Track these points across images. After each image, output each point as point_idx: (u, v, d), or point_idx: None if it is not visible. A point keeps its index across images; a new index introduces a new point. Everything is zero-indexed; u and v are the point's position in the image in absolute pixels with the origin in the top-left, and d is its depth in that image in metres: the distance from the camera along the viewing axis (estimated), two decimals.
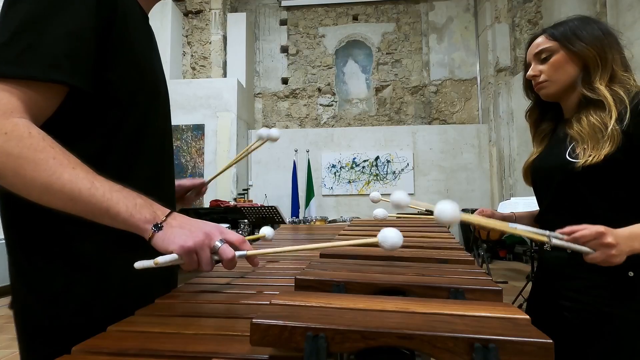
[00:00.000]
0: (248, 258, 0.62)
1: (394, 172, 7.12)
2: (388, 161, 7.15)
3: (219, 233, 0.59)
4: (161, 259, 0.55)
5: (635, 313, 0.84)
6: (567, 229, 0.75)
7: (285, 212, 6.47)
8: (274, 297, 0.45)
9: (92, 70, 0.58)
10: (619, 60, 0.93)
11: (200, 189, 1.00)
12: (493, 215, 1.19)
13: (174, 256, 0.56)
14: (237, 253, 0.60)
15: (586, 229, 0.74)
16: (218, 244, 0.57)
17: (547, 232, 0.74)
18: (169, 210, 0.58)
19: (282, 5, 7.82)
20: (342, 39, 7.74)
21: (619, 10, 4.68)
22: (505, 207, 3.93)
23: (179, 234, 0.55)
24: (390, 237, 0.57)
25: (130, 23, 0.64)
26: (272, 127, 1.00)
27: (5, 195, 0.59)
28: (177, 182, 0.92)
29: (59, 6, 0.55)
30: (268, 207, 4.44)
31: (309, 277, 0.58)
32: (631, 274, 0.84)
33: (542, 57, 0.97)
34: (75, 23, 0.56)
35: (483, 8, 7.10)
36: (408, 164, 7.10)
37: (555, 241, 0.74)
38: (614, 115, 0.85)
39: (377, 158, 7.17)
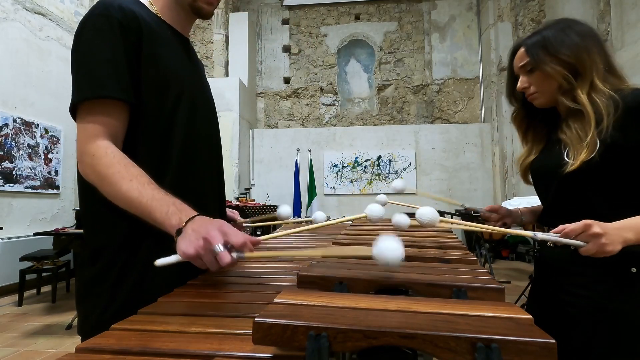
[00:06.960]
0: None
1: (396, 171, 7.12)
2: (390, 160, 7.14)
3: (222, 235, 0.59)
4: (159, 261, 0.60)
5: (638, 308, 0.84)
6: (558, 228, 0.79)
7: None
8: (277, 296, 0.45)
9: (130, 85, 0.74)
10: (600, 65, 0.91)
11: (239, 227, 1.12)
12: (500, 210, 1.20)
13: (175, 257, 0.60)
14: (236, 255, 0.60)
15: (573, 224, 0.77)
16: (217, 249, 0.58)
17: (532, 233, 0.78)
18: (192, 215, 0.63)
19: (284, 4, 7.82)
20: (344, 38, 7.74)
21: (623, 8, 4.65)
22: (508, 206, 3.91)
23: (185, 240, 0.60)
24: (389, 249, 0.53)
25: (157, 44, 0.79)
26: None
27: None
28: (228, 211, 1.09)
29: (95, 44, 0.73)
30: (270, 206, 4.45)
31: (312, 273, 0.58)
32: (634, 269, 0.85)
33: (528, 69, 0.99)
34: (109, 52, 0.72)
35: (486, 6, 7.07)
36: (410, 164, 7.09)
37: (541, 235, 0.78)
38: (593, 123, 0.86)
39: (379, 157, 7.16)
